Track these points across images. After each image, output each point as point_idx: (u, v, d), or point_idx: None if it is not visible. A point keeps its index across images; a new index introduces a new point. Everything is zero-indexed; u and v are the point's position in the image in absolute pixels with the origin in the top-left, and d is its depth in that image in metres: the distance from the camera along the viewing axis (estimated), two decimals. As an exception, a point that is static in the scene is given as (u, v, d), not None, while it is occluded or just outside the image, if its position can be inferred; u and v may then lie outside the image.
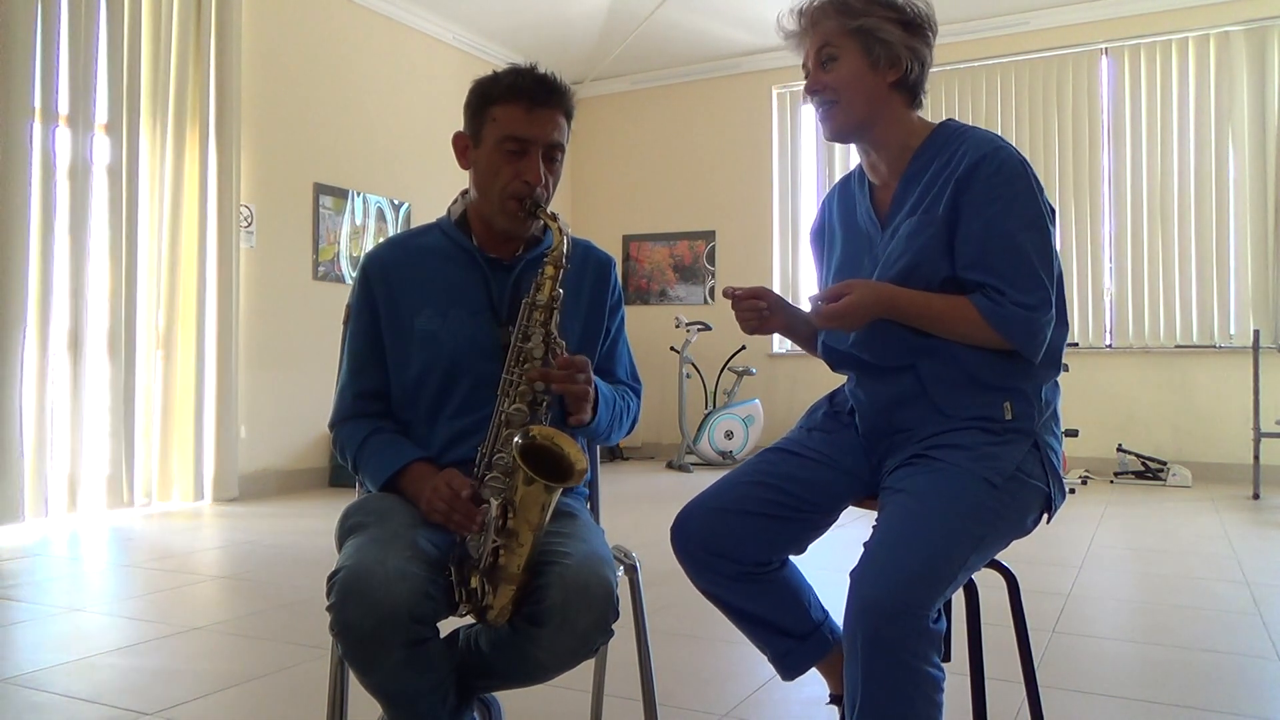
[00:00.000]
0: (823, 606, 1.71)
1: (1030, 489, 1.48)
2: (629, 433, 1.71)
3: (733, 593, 1.64)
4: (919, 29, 1.56)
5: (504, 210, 1.56)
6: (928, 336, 1.53)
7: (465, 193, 1.67)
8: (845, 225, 1.71)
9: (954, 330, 1.50)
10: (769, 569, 1.64)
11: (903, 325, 1.53)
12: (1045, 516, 1.54)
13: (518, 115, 1.53)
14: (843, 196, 1.75)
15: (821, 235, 1.79)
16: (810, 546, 1.66)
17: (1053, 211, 1.53)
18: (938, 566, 1.34)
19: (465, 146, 1.61)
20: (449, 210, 1.69)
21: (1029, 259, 1.47)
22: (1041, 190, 1.51)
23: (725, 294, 1.65)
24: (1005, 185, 1.48)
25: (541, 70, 1.56)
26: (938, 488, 1.42)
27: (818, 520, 1.63)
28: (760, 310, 1.65)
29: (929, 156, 1.57)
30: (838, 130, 1.60)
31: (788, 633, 1.66)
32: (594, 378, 1.54)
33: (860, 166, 1.71)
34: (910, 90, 1.58)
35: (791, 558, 1.68)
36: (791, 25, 1.61)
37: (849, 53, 1.55)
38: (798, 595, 1.68)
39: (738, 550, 1.59)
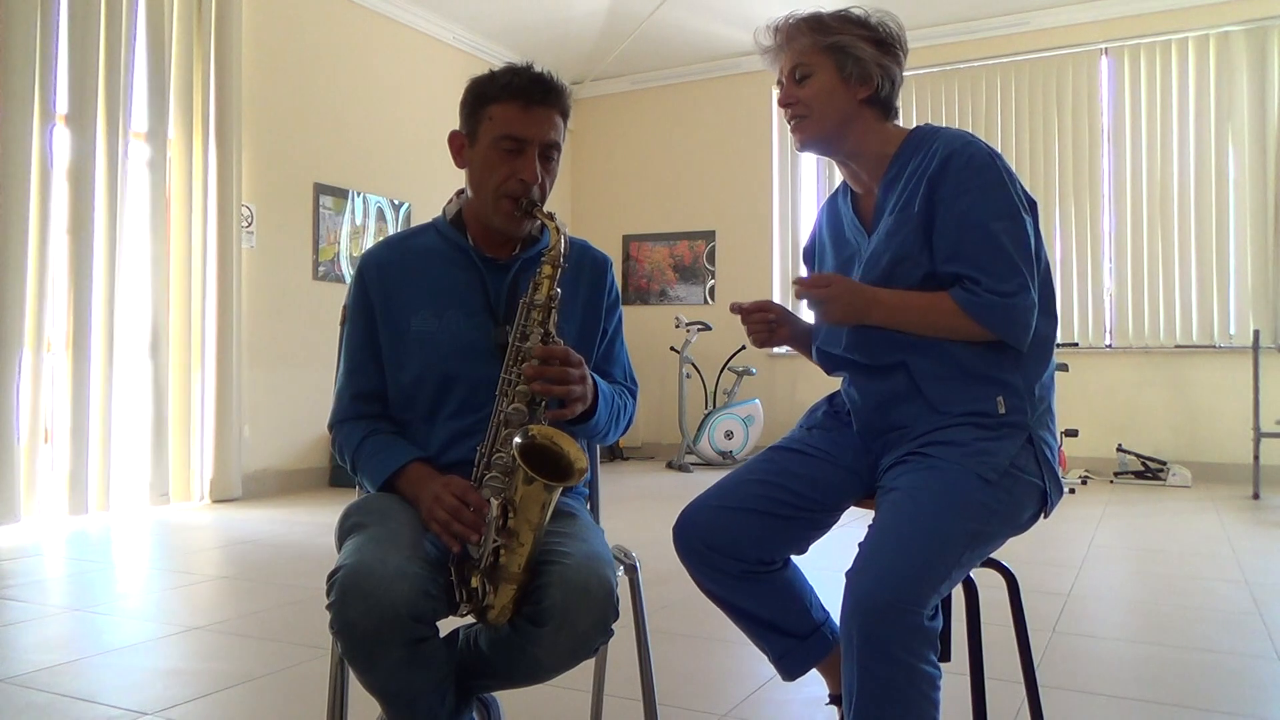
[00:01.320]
0: (823, 607, 1.71)
1: (1025, 484, 1.48)
2: (624, 433, 1.71)
3: (735, 592, 1.64)
4: (890, 48, 1.61)
5: (499, 210, 1.56)
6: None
7: (461, 192, 1.67)
8: (834, 239, 1.74)
9: (937, 325, 1.52)
10: (771, 568, 1.64)
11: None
12: (1042, 513, 1.54)
13: (514, 114, 1.53)
14: (830, 212, 1.78)
15: (813, 253, 1.82)
16: (811, 547, 1.67)
17: (1032, 202, 1.56)
18: (932, 564, 1.34)
19: (461, 145, 1.61)
20: (444, 210, 1.69)
21: (1003, 247, 1.48)
22: (1015, 181, 1.54)
23: (731, 310, 1.68)
24: (975, 177, 1.51)
25: (538, 69, 1.56)
26: (931, 485, 1.43)
27: (820, 519, 1.64)
28: (769, 321, 1.68)
29: (905, 159, 1.60)
30: (808, 141, 1.63)
31: (788, 632, 1.67)
32: (593, 375, 1.54)
33: (844, 181, 1.73)
34: (882, 105, 1.62)
35: (792, 558, 1.69)
36: (767, 41, 1.66)
37: (822, 68, 1.59)
38: (799, 595, 1.68)
39: (741, 549, 1.60)
